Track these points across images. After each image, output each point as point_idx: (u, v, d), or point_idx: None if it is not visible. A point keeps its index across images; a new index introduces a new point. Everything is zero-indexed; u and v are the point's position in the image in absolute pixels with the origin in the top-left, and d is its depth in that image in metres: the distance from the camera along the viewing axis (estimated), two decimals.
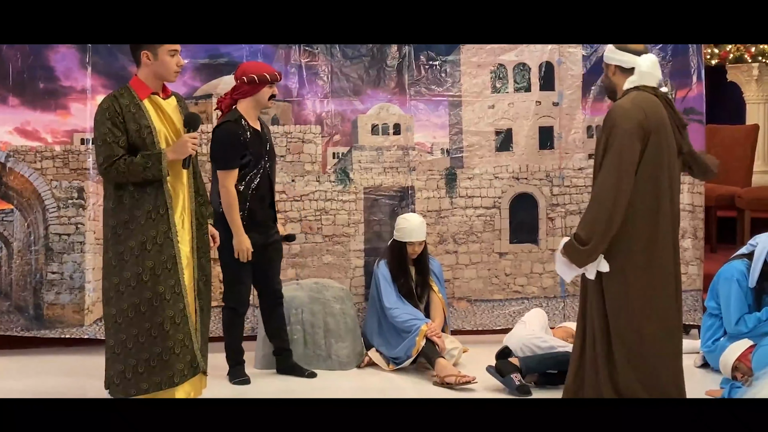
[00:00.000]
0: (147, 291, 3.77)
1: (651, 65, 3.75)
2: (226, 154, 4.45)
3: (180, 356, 3.81)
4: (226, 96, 4.59)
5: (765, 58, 7.98)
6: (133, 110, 3.79)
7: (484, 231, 5.53)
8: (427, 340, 4.90)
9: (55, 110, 5.26)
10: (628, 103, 3.67)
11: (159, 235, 3.79)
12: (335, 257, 5.46)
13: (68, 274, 5.23)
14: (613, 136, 3.62)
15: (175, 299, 3.81)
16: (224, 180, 4.45)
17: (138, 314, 3.78)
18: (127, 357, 3.79)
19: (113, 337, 3.82)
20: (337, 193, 5.45)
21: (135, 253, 3.77)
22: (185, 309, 3.83)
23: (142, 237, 3.78)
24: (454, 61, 5.50)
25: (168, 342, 3.79)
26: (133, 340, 3.78)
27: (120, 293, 3.79)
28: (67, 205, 5.23)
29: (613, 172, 3.61)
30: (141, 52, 3.81)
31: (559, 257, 3.73)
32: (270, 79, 4.51)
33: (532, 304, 5.48)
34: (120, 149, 3.76)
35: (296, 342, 4.96)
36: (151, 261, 3.78)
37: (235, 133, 4.43)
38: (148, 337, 3.78)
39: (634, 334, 3.68)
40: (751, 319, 4.72)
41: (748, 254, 4.83)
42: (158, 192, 3.81)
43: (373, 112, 5.50)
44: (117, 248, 3.80)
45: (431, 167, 5.52)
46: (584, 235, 3.63)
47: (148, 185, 3.79)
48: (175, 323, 3.80)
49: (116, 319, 3.80)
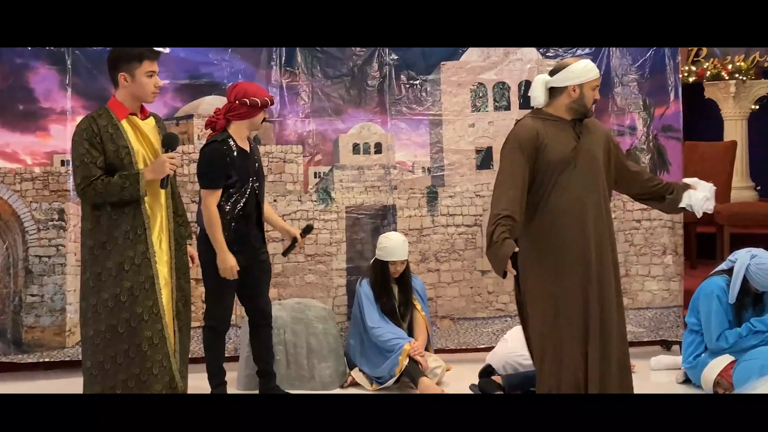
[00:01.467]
0: (125, 312, 3.76)
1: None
2: (210, 173, 4.44)
3: (158, 377, 3.80)
4: (219, 116, 4.53)
5: (742, 76, 8.08)
6: (111, 131, 3.78)
7: (465, 249, 5.55)
8: (410, 359, 4.89)
9: (34, 132, 5.23)
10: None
11: (137, 256, 3.78)
12: (317, 276, 5.45)
13: (49, 296, 5.18)
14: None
15: (154, 320, 3.79)
16: (207, 199, 4.44)
17: (116, 335, 3.76)
18: (105, 378, 3.77)
19: (91, 359, 3.81)
20: (319, 213, 5.45)
21: (113, 274, 3.76)
22: (164, 330, 3.82)
23: (120, 258, 3.76)
24: (434, 80, 5.53)
25: (146, 363, 3.78)
26: (111, 362, 3.76)
27: (98, 314, 3.77)
28: (48, 227, 5.20)
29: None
30: (118, 73, 3.81)
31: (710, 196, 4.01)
32: (269, 104, 4.54)
33: (515, 322, 5.46)
34: (98, 170, 3.75)
35: (278, 362, 4.94)
36: (129, 282, 3.77)
37: (221, 153, 4.43)
38: (125, 358, 3.76)
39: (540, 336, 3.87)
40: (732, 334, 4.75)
41: (727, 270, 4.86)
42: (136, 212, 3.80)
43: (355, 132, 5.52)
44: (95, 269, 3.79)
45: (412, 186, 5.53)
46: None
47: (126, 206, 3.78)
48: (153, 344, 3.79)
49: (94, 341, 3.78)
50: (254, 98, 4.44)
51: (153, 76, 3.84)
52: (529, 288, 3.83)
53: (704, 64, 8.32)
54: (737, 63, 8.17)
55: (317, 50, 5.42)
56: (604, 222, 3.83)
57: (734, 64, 8.16)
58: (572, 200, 3.77)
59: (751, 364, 4.55)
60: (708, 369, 4.77)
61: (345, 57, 5.45)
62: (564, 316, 3.77)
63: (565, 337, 3.80)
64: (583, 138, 3.82)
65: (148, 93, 3.85)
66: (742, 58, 8.22)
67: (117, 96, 3.86)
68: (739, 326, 4.77)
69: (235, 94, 4.48)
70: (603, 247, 3.80)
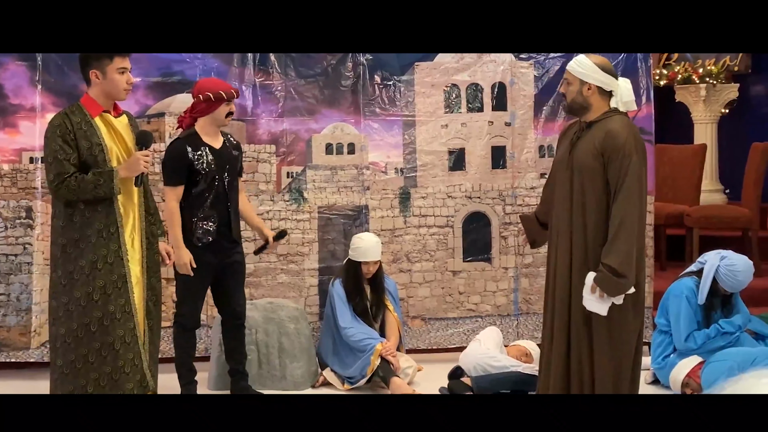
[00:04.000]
0: (97, 310, 3.74)
1: (630, 92, 3.82)
2: (170, 170, 4.44)
3: (130, 376, 3.78)
4: (186, 114, 4.54)
5: (712, 79, 8.17)
6: (85, 128, 3.75)
7: (437, 249, 5.56)
8: (382, 359, 4.90)
9: (3, 128, 5.17)
10: (632, 129, 3.74)
11: (110, 254, 3.76)
12: (289, 276, 5.43)
13: (15, 295, 5.12)
14: (629, 163, 3.63)
15: (126, 318, 3.78)
16: (167, 195, 4.45)
17: (88, 334, 3.73)
18: (76, 378, 3.74)
19: (62, 357, 3.77)
20: (292, 213, 5.43)
21: (85, 272, 3.73)
22: (135, 328, 3.80)
23: (93, 256, 3.74)
24: (408, 81, 5.53)
25: (119, 361, 3.76)
26: (82, 360, 3.74)
27: (69, 313, 3.74)
28: (15, 225, 5.14)
29: (635, 199, 3.64)
30: (90, 70, 3.78)
31: (589, 295, 3.64)
32: (227, 97, 4.47)
33: (486, 323, 5.51)
34: (71, 166, 3.72)
35: (251, 362, 4.92)
36: (102, 280, 3.74)
37: (181, 151, 4.41)
38: (98, 357, 3.74)
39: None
40: (701, 335, 4.80)
41: (697, 272, 4.91)
42: (109, 210, 3.77)
43: (328, 132, 5.51)
44: (66, 267, 3.76)
45: (385, 186, 5.53)
46: (620, 267, 3.59)
47: (99, 204, 3.75)
48: (125, 342, 3.77)
49: (65, 339, 3.75)
50: (210, 92, 4.42)
51: (125, 72, 3.81)
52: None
53: (675, 68, 8.40)
54: (708, 67, 8.26)
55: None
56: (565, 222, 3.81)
57: (705, 68, 8.25)
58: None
59: (720, 365, 4.59)
60: (676, 369, 4.81)
61: (319, 57, 5.44)
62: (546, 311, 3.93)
63: (544, 335, 3.93)
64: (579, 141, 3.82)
65: (120, 90, 3.83)
66: (713, 62, 8.32)
67: (90, 93, 3.83)
68: (707, 327, 4.82)
69: (195, 91, 4.50)
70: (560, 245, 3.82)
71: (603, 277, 3.61)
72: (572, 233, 3.77)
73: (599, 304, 3.63)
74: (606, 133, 3.69)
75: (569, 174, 3.78)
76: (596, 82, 3.76)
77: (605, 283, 3.61)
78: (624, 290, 3.64)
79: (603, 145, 3.69)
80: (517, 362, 4.88)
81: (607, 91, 3.77)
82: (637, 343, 3.80)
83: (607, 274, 3.60)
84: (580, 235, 3.75)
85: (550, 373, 3.83)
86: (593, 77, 3.75)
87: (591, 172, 3.70)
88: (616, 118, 3.75)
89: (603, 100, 3.77)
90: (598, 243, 3.69)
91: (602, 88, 3.76)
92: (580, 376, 3.76)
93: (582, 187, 3.73)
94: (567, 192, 3.78)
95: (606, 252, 3.63)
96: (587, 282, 3.65)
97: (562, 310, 3.79)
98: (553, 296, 3.84)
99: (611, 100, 3.78)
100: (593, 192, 3.70)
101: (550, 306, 3.87)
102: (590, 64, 3.77)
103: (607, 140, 3.68)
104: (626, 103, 3.79)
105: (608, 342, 3.72)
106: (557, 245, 3.83)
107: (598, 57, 3.85)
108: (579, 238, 3.74)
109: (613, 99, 3.78)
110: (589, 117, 3.79)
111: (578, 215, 3.76)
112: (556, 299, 3.81)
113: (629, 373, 3.78)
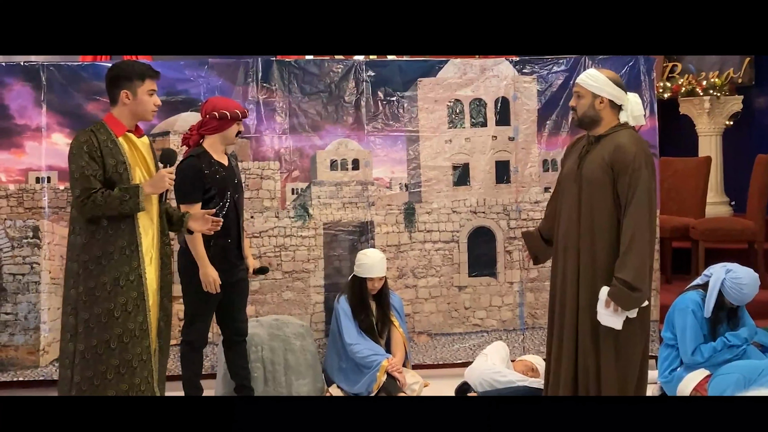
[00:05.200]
0: (118, 327, 3.75)
1: (640, 106, 3.84)
2: (188, 188, 4.43)
3: (145, 393, 3.80)
4: (193, 132, 4.55)
5: (716, 92, 8.17)
6: (111, 146, 3.80)
7: (443, 265, 5.56)
8: (388, 376, 4.89)
9: (9, 149, 5.20)
10: (641, 143, 3.75)
11: (131, 272, 3.79)
12: (295, 293, 5.44)
13: (23, 314, 5.14)
14: (639, 176, 3.65)
15: (143, 336, 3.80)
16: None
17: (108, 351, 3.75)
18: (94, 394, 3.75)
19: (80, 374, 3.78)
20: (297, 229, 5.44)
21: (107, 289, 3.75)
22: (150, 347, 3.83)
23: (116, 273, 3.76)
24: (411, 96, 5.55)
25: (135, 379, 3.78)
26: (101, 377, 3.75)
27: (90, 329, 3.76)
28: (22, 245, 5.16)
29: (646, 213, 3.65)
30: (120, 91, 3.82)
31: (604, 310, 3.64)
32: (240, 116, 4.53)
33: (492, 337, 5.50)
34: (97, 182, 3.75)
35: (256, 380, 4.92)
36: (124, 297, 3.77)
37: (198, 168, 4.43)
38: (116, 374, 3.76)
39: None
40: (707, 349, 4.78)
41: (702, 285, 4.89)
42: (131, 228, 3.80)
43: (332, 148, 5.52)
44: (88, 283, 3.77)
45: (390, 202, 5.54)
46: (633, 280, 3.60)
47: (122, 221, 3.78)
48: (142, 360, 3.80)
49: (84, 355, 3.76)
50: (223, 111, 4.45)
51: (153, 94, 3.88)
52: None
53: (679, 80, 8.40)
54: (712, 79, 8.26)
55: (294, 66, 5.44)
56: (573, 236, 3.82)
57: (709, 81, 8.24)
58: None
59: (727, 378, 4.58)
60: (683, 383, 4.79)
61: (322, 73, 5.46)
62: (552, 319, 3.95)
63: (549, 348, 3.95)
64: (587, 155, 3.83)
65: (149, 111, 3.88)
66: (717, 75, 8.32)
67: (113, 113, 3.86)
68: (714, 340, 4.80)
69: (206, 109, 4.51)
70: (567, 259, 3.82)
71: (617, 291, 3.61)
72: (580, 246, 3.77)
73: (613, 318, 3.64)
74: (615, 147, 3.71)
75: (578, 188, 3.79)
76: (608, 96, 3.78)
77: (619, 297, 3.61)
78: (638, 303, 3.64)
79: (612, 159, 3.70)
80: (523, 377, 4.87)
81: (618, 105, 3.78)
82: (642, 355, 3.79)
83: (621, 287, 3.60)
84: (588, 248, 3.76)
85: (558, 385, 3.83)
86: (606, 91, 3.78)
87: (600, 185, 3.72)
88: (624, 132, 3.76)
89: (613, 113, 3.80)
90: (607, 256, 3.70)
91: (613, 101, 3.78)
92: (587, 388, 3.76)
93: (590, 200, 3.75)
94: (575, 205, 3.79)
95: (619, 266, 3.63)
96: (601, 297, 3.65)
97: (570, 324, 3.78)
98: (561, 310, 3.84)
99: (620, 114, 3.80)
100: (602, 205, 3.71)
101: (557, 320, 3.87)
102: (603, 77, 3.79)
103: (617, 154, 3.69)
104: (636, 117, 3.81)
105: (615, 355, 3.72)
106: (564, 259, 3.83)
107: (608, 71, 3.88)
108: (587, 252, 3.75)
109: (622, 113, 3.80)
110: (598, 131, 3.81)
111: (586, 228, 3.77)
112: (566, 313, 3.81)
113: (634, 386, 3.78)
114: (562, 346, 3.82)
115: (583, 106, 3.81)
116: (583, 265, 3.76)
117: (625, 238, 3.64)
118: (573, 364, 3.79)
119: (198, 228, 4.08)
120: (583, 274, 3.76)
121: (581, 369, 3.77)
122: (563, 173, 3.97)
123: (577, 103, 3.83)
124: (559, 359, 3.84)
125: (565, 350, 3.80)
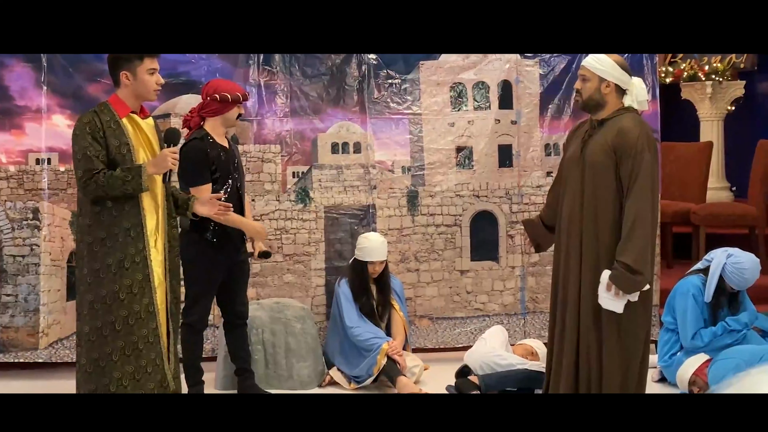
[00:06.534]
0: (123, 309, 3.74)
1: (644, 90, 3.82)
2: (195, 170, 4.41)
3: (151, 376, 3.79)
4: (194, 114, 4.53)
5: (718, 77, 8.15)
6: (114, 126, 3.77)
7: (445, 249, 5.55)
8: (389, 359, 4.90)
9: (9, 130, 5.18)
10: (644, 127, 3.73)
11: (137, 254, 3.77)
12: (296, 276, 5.43)
13: (23, 296, 5.13)
14: (641, 160, 3.64)
15: (149, 318, 3.78)
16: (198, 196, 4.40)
17: (113, 332, 3.74)
18: (100, 376, 3.74)
19: (86, 356, 3.78)
20: (298, 212, 5.43)
21: (112, 271, 3.73)
22: (158, 328, 3.81)
23: (121, 254, 3.74)
24: (413, 79, 5.52)
25: (141, 361, 3.76)
26: (106, 359, 3.74)
27: (95, 310, 3.75)
28: (22, 226, 5.15)
29: (648, 196, 3.64)
30: (120, 72, 3.80)
31: (605, 293, 3.64)
32: (241, 99, 4.51)
33: (494, 322, 5.50)
34: (100, 163, 3.73)
35: (257, 362, 4.92)
36: (129, 279, 3.75)
37: (203, 150, 4.41)
38: (121, 355, 3.74)
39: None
40: (707, 333, 4.79)
41: (703, 269, 4.90)
42: (136, 210, 3.78)
43: (333, 131, 5.50)
44: (93, 265, 3.75)
45: (392, 185, 5.53)
46: (635, 264, 3.59)
47: (127, 203, 3.76)
48: (148, 342, 3.77)
49: (90, 337, 3.76)
50: (224, 93, 4.43)
51: (154, 73, 3.83)
52: None
53: (681, 65, 8.38)
54: (714, 64, 8.24)
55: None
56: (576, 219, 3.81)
57: (711, 66, 8.22)
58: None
59: (726, 363, 4.58)
60: (683, 367, 4.80)
61: (323, 56, 5.43)
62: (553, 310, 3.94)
63: (551, 332, 3.94)
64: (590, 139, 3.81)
65: (150, 90, 3.84)
66: (719, 60, 8.29)
67: (118, 94, 3.84)
68: (714, 325, 4.81)
69: (207, 91, 4.49)
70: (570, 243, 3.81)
71: (619, 275, 3.61)
72: (583, 230, 3.77)
73: (615, 301, 3.63)
74: (618, 131, 3.70)
75: (581, 171, 3.78)
76: (615, 80, 3.77)
77: (621, 281, 3.61)
78: (640, 287, 3.64)
79: (615, 143, 3.69)
80: (523, 360, 4.88)
81: (623, 89, 3.77)
82: (645, 340, 3.80)
83: (622, 271, 3.60)
84: (591, 231, 3.75)
85: (561, 370, 3.84)
86: (612, 75, 3.76)
87: (603, 169, 3.71)
88: (628, 116, 3.75)
89: (618, 98, 3.79)
90: (610, 240, 3.69)
91: (619, 86, 3.76)
92: (588, 373, 3.77)
93: (594, 184, 3.74)
94: (578, 189, 3.78)
95: (621, 249, 3.63)
96: (602, 280, 3.65)
97: (573, 308, 3.79)
98: (564, 294, 3.84)
99: (625, 98, 3.79)
100: (605, 189, 3.71)
101: (559, 304, 3.87)
102: (610, 61, 3.77)
103: (620, 138, 3.68)
104: (641, 102, 3.80)
105: (617, 339, 3.72)
106: (567, 243, 3.82)
107: (614, 55, 3.85)
108: (590, 235, 3.75)
109: (627, 97, 3.79)
110: (601, 115, 3.79)
111: (589, 212, 3.76)
112: (568, 297, 3.81)
113: (637, 370, 3.78)
114: (564, 330, 3.82)
115: (589, 89, 3.78)
116: (585, 249, 3.76)
117: (627, 222, 3.64)
118: (575, 348, 3.80)
119: (205, 212, 4.02)
120: (585, 258, 3.75)
121: (583, 353, 3.77)
122: (566, 158, 3.96)
123: (583, 86, 3.81)
124: (561, 343, 3.85)
125: (568, 334, 3.80)
